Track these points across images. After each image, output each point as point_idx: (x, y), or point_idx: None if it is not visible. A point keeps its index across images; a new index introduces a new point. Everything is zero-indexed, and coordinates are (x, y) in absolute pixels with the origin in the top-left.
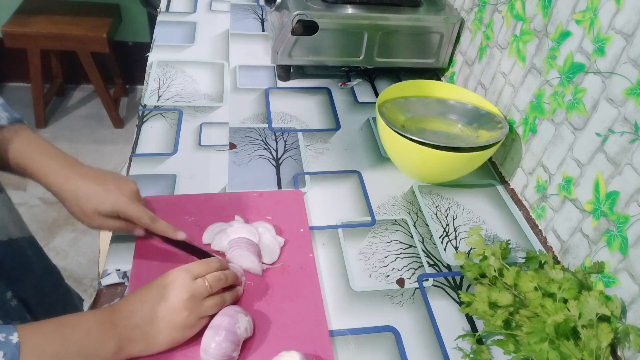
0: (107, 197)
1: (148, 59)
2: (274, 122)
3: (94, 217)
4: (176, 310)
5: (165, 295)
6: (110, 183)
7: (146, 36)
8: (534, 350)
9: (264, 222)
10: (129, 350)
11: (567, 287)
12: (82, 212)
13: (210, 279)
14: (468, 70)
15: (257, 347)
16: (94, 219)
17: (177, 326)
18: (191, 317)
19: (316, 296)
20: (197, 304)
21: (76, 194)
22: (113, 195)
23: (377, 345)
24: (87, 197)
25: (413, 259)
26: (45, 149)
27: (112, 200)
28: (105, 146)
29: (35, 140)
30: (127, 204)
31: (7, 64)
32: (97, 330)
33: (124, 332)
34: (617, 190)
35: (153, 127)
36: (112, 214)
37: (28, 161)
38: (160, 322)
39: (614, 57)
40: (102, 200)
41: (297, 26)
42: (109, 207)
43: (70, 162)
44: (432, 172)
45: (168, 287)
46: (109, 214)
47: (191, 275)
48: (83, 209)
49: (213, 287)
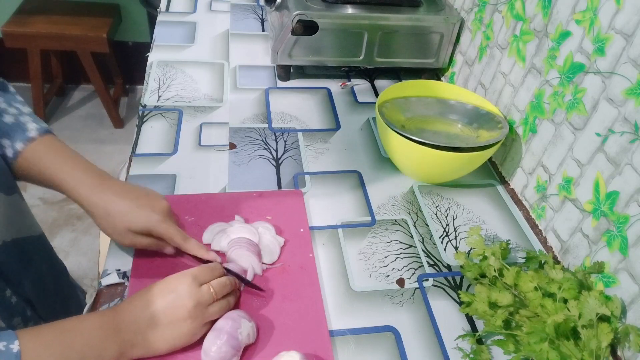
0: (140, 214)
1: (148, 59)
2: (274, 122)
3: (126, 235)
4: (181, 319)
5: (171, 302)
6: (142, 200)
7: (146, 36)
8: (534, 350)
9: (264, 222)
10: (130, 355)
11: (567, 287)
12: (114, 229)
13: (216, 285)
14: (468, 70)
15: (257, 347)
16: (125, 237)
17: (180, 334)
18: (195, 325)
19: (316, 296)
20: (201, 311)
21: (108, 210)
22: (145, 212)
23: (377, 345)
24: (120, 215)
25: (413, 259)
26: (76, 162)
27: (144, 218)
28: (105, 146)
29: (65, 153)
30: (160, 222)
31: (7, 64)
32: (99, 336)
33: (126, 337)
34: (617, 190)
35: (153, 127)
36: (145, 231)
37: (59, 174)
38: (163, 329)
39: (614, 57)
40: (135, 218)
41: (297, 26)
42: (141, 225)
43: (102, 177)
44: (432, 172)
45: (173, 293)
46: (141, 231)
47: (197, 281)
48: (115, 226)
49: (218, 294)
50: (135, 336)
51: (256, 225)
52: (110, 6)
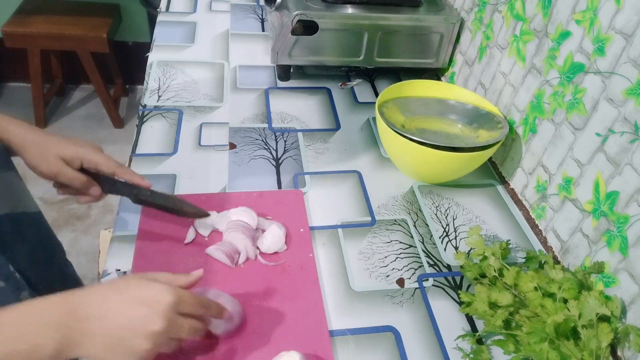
0: (70, 144)
1: (148, 59)
2: (274, 122)
3: (55, 161)
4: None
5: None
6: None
7: (146, 36)
8: (534, 350)
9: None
10: (69, 355)
11: (567, 287)
12: (42, 156)
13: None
14: (468, 70)
15: (257, 347)
16: (55, 166)
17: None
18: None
19: (316, 296)
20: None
21: (38, 141)
22: (76, 144)
23: (377, 345)
24: (51, 143)
25: (413, 259)
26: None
27: (75, 147)
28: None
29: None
30: (92, 152)
31: (7, 64)
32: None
33: (70, 334)
34: (617, 190)
35: (153, 127)
36: (75, 159)
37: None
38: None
39: (614, 57)
40: (67, 145)
41: (297, 26)
42: (72, 152)
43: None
44: (432, 172)
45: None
46: (72, 158)
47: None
48: (45, 154)
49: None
50: (82, 335)
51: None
52: (110, 6)
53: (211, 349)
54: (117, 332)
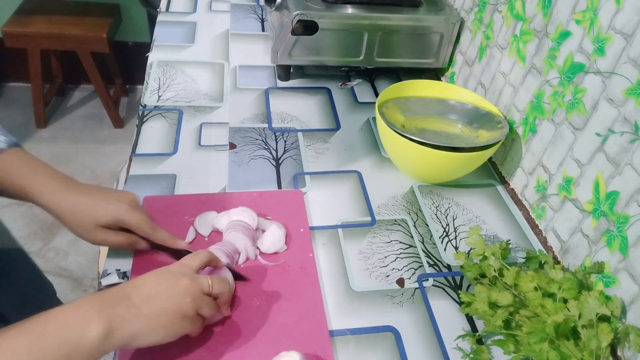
0: (106, 206)
1: (148, 59)
2: (274, 122)
3: (95, 231)
4: (179, 294)
5: (167, 279)
6: (106, 194)
7: (146, 36)
8: (534, 350)
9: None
10: (121, 334)
11: (567, 287)
12: (82, 226)
13: (215, 279)
14: (468, 70)
15: (257, 347)
16: (95, 233)
17: (178, 310)
18: (191, 306)
19: (316, 296)
20: (198, 293)
21: (74, 208)
22: (111, 204)
23: (377, 345)
24: (86, 210)
25: (413, 259)
26: (41, 170)
27: (111, 209)
28: (105, 146)
29: (32, 163)
30: (126, 211)
31: (7, 64)
32: (78, 316)
33: (116, 311)
34: (617, 190)
35: (153, 127)
36: (113, 223)
37: (24, 183)
38: (161, 303)
39: (614, 57)
40: (102, 210)
41: (297, 26)
42: (109, 216)
43: (65, 180)
44: (432, 172)
45: (169, 273)
46: (110, 223)
47: (189, 268)
48: (83, 223)
49: (214, 287)
50: (128, 310)
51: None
52: (110, 6)
53: (211, 348)
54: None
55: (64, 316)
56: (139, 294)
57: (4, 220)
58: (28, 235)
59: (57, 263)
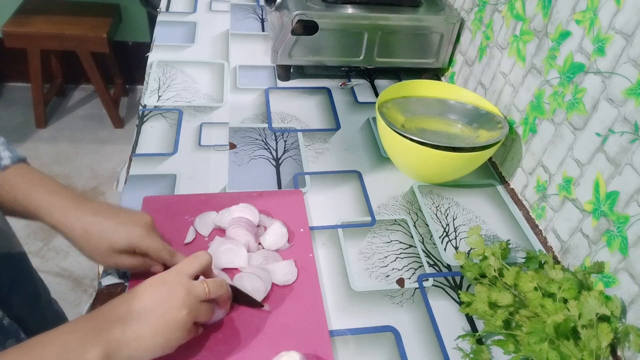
0: (121, 231)
1: (148, 59)
2: (274, 122)
3: (109, 255)
4: (174, 308)
5: (162, 292)
6: (122, 216)
7: (146, 36)
8: (534, 350)
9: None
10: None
11: (567, 287)
12: (96, 251)
13: (211, 283)
14: (468, 70)
15: (257, 347)
16: (109, 257)
17: (175, 325)
18: (188, 318)
19: (316, 296)
20: (195, 302)
21: (87, 232)
22: (127, 228)
23: (377, 345)
24: (100, 234)
25: (413, 259)
26: (50, 187)
27: (126, 234)
28: (105, 146)
29: (39, 179)
30: (143, 237)
31: (7, 64)
32: (75, 341)
33: (111, 336)
34: (617, 190)
35: (153, 127)
36: (128, 249)
37: (33, 201)
38: (157, 320)
39: (614, 57)
40: (116, 235)
41: (297, 26)
42: (123, 242)
43: (78, 199)
44: (432, 172)
45: (164, 285)
46: (125, 249)
47: (185, 274)
48: (97, 247)
49: (211, 291)
50: (124, 334)
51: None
52: (110, 6)
53: (211, 349)
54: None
55: (61, 341)
56: (133, 313)
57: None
58: (28, 235)
59: (57, 263)
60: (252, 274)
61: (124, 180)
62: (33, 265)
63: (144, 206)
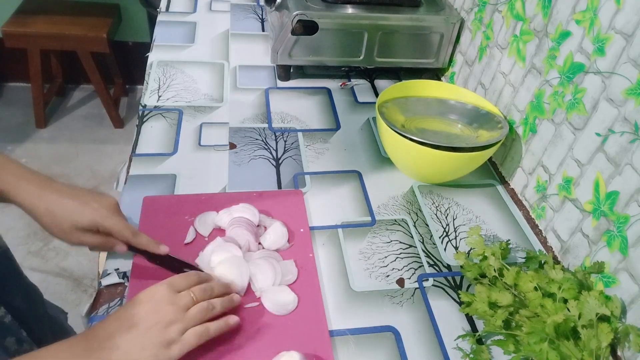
0: (85, 210)
1: (148, 59)
2: (274, 122)
3: (72, 233)
4: (161, 324)
5: (149, 309)
6: (87, 197)
7: (146, 36)
8: (534, 350)
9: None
10: None
11: (567, 287)
12: (59, 228)
13: (196, 290)
14: (468, 70)
15: (257, 347)
16: (72, 235)
17: (162, 341)
18: (175, 331)
19: (316, 296)
20: (182, 315)
21: (51, 210)
22: (91, 208)
23: (377, 345)
24: (63, 212)
25: (413, 259)
26: (17, 170)
27: (90, 213)
28: (105, 146)
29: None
30: (107, 216)
31: (7, 64)
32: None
33: (102, 355)
34: (617, 190)
35: (153, 127)
36: (91, 227)
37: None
38: (144, 337)
39: (614, 57)
40: (79, 213)
41: (297, 26)
42: (87, 220)
43: (44, 180)
44: (432, 172)
45: (151, 302)
46: (88, 227)
47: (173, 288)
48: (60, 224)
49: (198, 297)
50: (111, 353)
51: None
52: (110, 6)
53: (211, 349)
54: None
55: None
56: (122, 332)
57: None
58: (28, 235)
59: (57, 263)
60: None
61: (124, 180)
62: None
63: (144, 206)
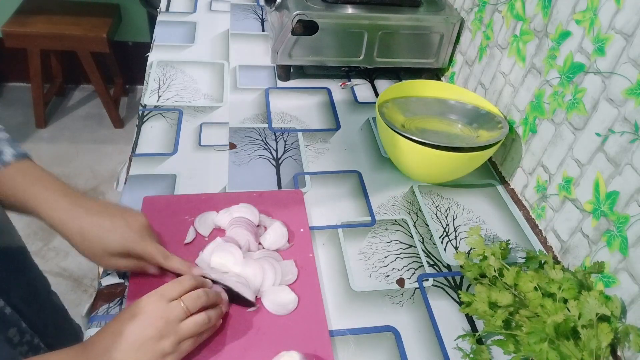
0: (115, 235)
1: (148, 59)
2: (274, 122)
3: (106, 258)
4: (152, 339)
5: (140, 323)
6: (117, 218)
7: (146, 36)
8: (534, 350)
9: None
10: None
11: (567, 287)
12: (92, 253)
13: (187, 299)
14: (468, 70)
15: (257, 347)
16: (106, 260)
17: (154, 355)
18: (168, 344)
19: (316, 296)
20: (173, 328)
21: (82, 233)
22: (121, 232)
23: (377, 345)
24: (94, 237)
25: (413, 259)
26: (48, 185)
27: (120, 238)
28: (105, 146)
29: (39, 177)
30: (137, 241)
31: (7, 64)
32: None
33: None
34: (617, 190)
35: (153, 127)
36: (123, 252)
37: (31, 199)
38: (136, 353)
39: (614, 57)
40: (111, 239)
41: (297, 26)
42: (117, 246)
43: (75, 199)
44: (432, 172)
45: (142, 314)
46: (119, 253)
47: (165, 298)
48: (92, 249)
49: (190, 308)
50: None
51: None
52: (110, 6)
53: (211, 348)
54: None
55: None
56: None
57: None
58: (28, 235)
59: (57, 263)
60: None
61: (124, 180)
62: None
63: (144, 206)
